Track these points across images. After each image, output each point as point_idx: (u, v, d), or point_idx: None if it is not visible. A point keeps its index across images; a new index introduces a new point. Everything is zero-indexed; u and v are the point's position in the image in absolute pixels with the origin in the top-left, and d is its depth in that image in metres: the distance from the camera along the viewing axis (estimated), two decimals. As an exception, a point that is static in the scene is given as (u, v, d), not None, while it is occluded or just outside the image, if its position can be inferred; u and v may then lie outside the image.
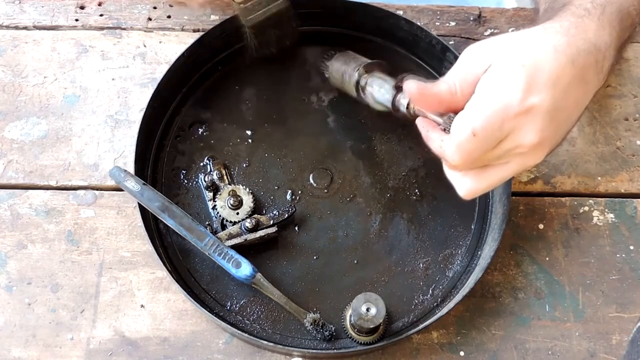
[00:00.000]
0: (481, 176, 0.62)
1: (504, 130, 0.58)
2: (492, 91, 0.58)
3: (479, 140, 0.58)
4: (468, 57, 0.61)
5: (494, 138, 0.58)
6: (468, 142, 0.58)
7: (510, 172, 0.62)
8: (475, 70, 0.60)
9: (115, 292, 0.74)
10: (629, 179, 0.82)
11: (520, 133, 0.58)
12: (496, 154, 0.60)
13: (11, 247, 0.76)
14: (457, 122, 0.59)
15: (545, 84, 0.58)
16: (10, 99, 0.84)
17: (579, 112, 0.63)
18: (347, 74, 0.77)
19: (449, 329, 0.74)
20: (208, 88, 0.85)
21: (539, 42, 0.60)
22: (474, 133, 0.57)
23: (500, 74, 0.58)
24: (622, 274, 0.77)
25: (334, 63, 0.80)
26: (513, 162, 0.61)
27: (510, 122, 0.57)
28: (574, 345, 0.73)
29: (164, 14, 0.90)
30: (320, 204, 0.79)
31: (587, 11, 0.63)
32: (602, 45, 0.62)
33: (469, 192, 0.63)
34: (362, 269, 0.76)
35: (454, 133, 0.59)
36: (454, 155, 0.59)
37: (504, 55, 0.59)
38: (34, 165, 0.80)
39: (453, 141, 0.59)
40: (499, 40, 0.61)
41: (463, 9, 0.91)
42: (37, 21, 0.89)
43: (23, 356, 0.71)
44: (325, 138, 0.83)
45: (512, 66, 0.58)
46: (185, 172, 0.80)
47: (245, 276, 0.71)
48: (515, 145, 0.59)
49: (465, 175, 0.62)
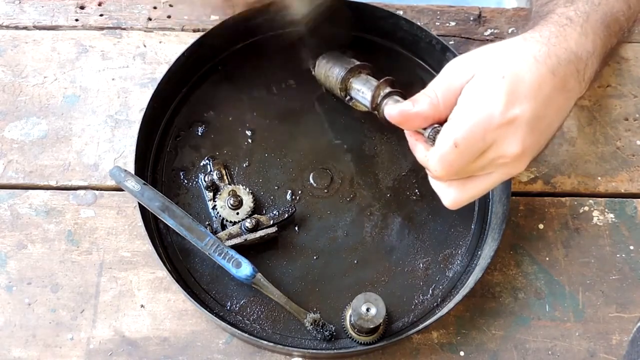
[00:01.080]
0: (465, 186, 0.63)
1: (487, 141, 0.58)
2: (474, 103, 0.59)
3: (461, 152, 0.58)
4: (451, 69, 0.62)
5: (476, 149, 0.59)
6: (450, 154, 0.59)
7: (494, 182, 0.63)
8: (458, 81, 0.60)
9: (115, 292, 0.74)
10: (629, 179, 0.82)
11: (502, 144, 0.59)
12: (479, 164, 0.60)
13: (11, 247, 0.76)
14: (440, 133, 0.59)
15: (525, 95, 0.58)
16: (10, 99, 0.84)
17: (561, 120, 0.63)
18: (333, 75, 0.77)
19: (449, 329, 0.74)
20: (208, 88, 0.85)
21: (519, 53, 0.60)
22: (456, 144, 0.58)
23: (482, 85, 0.59)
24: (622, 274, 0.77)
25: (321, 63, 0.80)
26: (496, 172, 0.62)
27: (492, 134, 0.58)
28: (574, 345, 0.73)
29: (164, 14, 0.90)
30: (320, 204, 0.79)
31: (569, 20, 0.63)
32: (583, 54, 0.62)
33: (453, 202, 0.64)
34: (362, 269, 0.76)
35: (436, 144, 0.59)
36: (436, 166, 0.60)
37: (485, 67, 0.60)
38: (34, 165, 0.80)
39: (436, 152, 0.60)
40: (482, 52, 0.62)
41: (463, 9, 0.92)
42: (37, 21, 0.89)
43: (23, 356, 0.71)
44: (325, 138, 0.83)
45: (493, 77, 0.59)
46: (185, 172, 0.80)
47: (246, 276, 0.71)
48: (498, 155, 0.60)
49: (449, 185, 0.63)
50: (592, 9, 0.65)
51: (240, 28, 0.83)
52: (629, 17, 0.71)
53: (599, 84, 0.87)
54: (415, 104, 0.61)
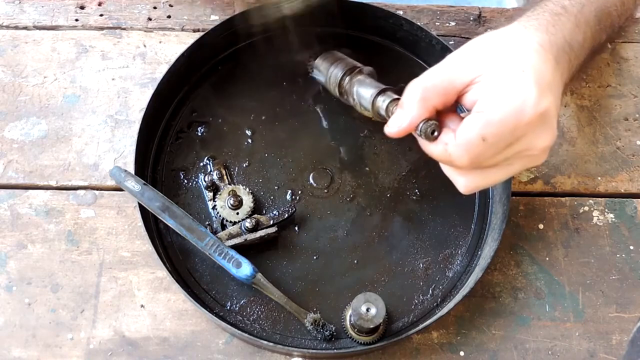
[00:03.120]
0: (483, 174, 0.62)
1: (515, 135, 0.58)
2: (501, 97, 0.58)
3: (489, 146, 0.58)
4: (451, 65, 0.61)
5: (503, 143, 0.59)
6: (477, 147, 0.58)
7: (514, 171, 0.63)
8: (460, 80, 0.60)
9: (115, 292, 0.74)
10: (629, 179, 0.82)
11: (532, 137, 0.59)
12: (504, 155, 0.60)
13: (11, 247, 0.76)
14: (465, 126, 0.59)
15: (549, 86, 0.59)
16: (10, 99, 0.84)
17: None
18: (332, 74, 0.77)
19: (449, 329, 0.74)
20: (208, 88, 0.85)
21: (527, 44, 0.60)
22: (484, 138, 0.58)
23: (504, 80, 0.58)
24: (622, 274, 0.77)
25: (320, 62, 0.79)
26: (518, 163, 0.62)
27: (523, 128, 0.58)
28: (574, 345, 0.73)
29: (164, 14, 0.90)
30: (320, 204, 0.79)
31: (564, 9, 0.63)
32: (575, 45, 0.63)
33: (469, 189, 0.64)
34: (362, 269, 0.76)
35: (462, 137, 0.59)
36: (462, 158, 0.60)
37: (497, 61, 0.59)
38: (34, 165, 0.80)
39: (461, 145, 0.59)
40: (482, 45, 0.61)
41: (463, 9, 0.92)
42: (37, 21, 0.89)
43: (23, 356, 0.71)
44: (325, 138, 0.83)
45: (513, 72, 0.58)
46: (185, 172, 0.80)
47: (246, 276, 0.71)
48: (526, 148, 0.60)
49: (467, 173, 0.63)
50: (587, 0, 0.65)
51: (240, 28, 0.83)
52: (621, 13, 0.71)
53: (599, 84, 0.87)
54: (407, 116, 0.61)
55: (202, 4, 0.90)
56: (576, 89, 0.87)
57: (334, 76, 0.77)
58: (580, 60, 0.64)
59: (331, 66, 0.78)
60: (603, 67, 0.89)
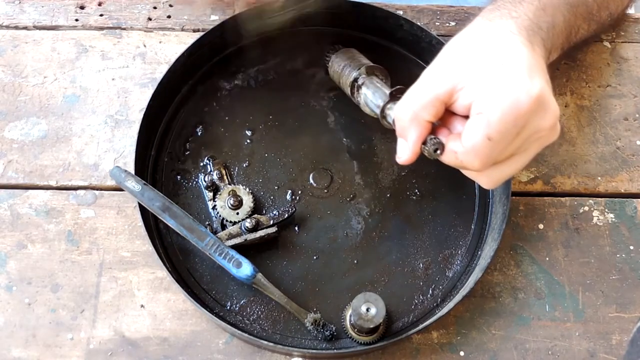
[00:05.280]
0: (503, 167, 0.63)
1: (519, 125, 0.59)
2: (493, 95, 0.58)
3: (496, 143, 0.59)
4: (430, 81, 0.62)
5: (510, 136, 0.59)
6: (485, 147, 0.59)
7: (531, 154, 0.63)
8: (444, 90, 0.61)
9: (115, 292, 0.74)
10: (629, 179, 0.82)
11: (535, 121, 0.59)
12: (515, 145, 0.61)
13: (11, 247, 0.76)
14: (469, 131, 0.59)
15: (531, 68, 0.59)
16: (10, 99, 0.84)
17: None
18: (346, 71, 0.77)
19: (449, 329, 0.74)
20: (208, 88, 0.85)
21: (495, 35, 0.61)
22: (489, 137, 0.58)
23: (490, 77, 0.59)
24: (622, 274, 0.77)
25: (337, 57, 0.79)
26: (532, 146, 0.62)
27: (523, 117, 0.58)
28: (574, 345, 0.73)
29: (164, 14, 0.90)
30: (320, 204, 0.79)
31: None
32: (543, 25, 0.64)
33: (494, 184, 0.65)
34: (362, 269, 0.76)
35: (468, 142, 0.59)
36: (473, 162, 0.60)
37: (475, 64, 0.60)
38: (34, 165, 0.80)
39: (469, 151, 0.60)
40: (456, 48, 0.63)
41: (463, 9, 0.92)
42: (37, 21, 0.89)
43: (23, 356, 0.71)
44: (325, 138, 0.83)
45: (494, 67, 0.59)
46: (185, 172, 0.80)
47: (246, 276, 0.71)
48: (534, 132, 0.60)
49: (486, 171, 0.63)
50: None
51: (240, 28, 0.83)
52: (600, 3, 0.73)
53: (599, 84, 0.87)
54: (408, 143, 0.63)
55: (202, 4, 0.90)
56: (576, 89, 0.87)
57: (345, 75, 0.77)
58: (555, 43, 0.66)
59: (348, 63, 0.77)
60: (603, 67, 0.89)
